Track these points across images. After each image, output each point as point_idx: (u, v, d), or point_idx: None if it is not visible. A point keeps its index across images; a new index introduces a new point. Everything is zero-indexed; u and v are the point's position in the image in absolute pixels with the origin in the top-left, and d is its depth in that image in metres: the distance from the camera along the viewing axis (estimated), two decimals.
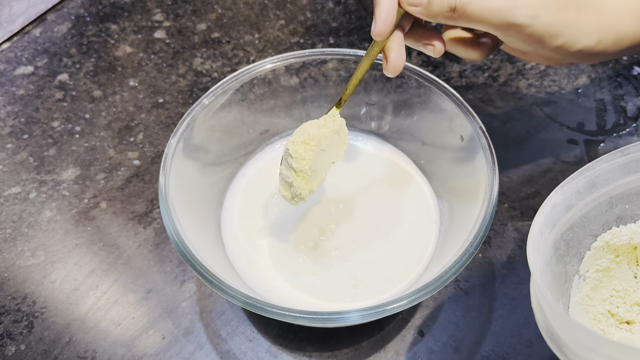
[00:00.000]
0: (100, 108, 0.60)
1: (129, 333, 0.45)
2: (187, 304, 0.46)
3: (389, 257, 0.44)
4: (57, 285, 0.48)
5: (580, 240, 0.39)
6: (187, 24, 0.68)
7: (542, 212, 0.35)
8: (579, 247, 0.39)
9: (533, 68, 0.61)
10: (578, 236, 0.39)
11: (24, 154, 0.56)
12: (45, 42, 0.66)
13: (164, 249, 0.49)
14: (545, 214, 0.36)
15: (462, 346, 0.44)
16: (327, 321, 0.34)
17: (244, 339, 0.44)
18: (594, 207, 0.39)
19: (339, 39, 0.65)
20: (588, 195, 0.38)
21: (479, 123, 0.42)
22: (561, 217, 0.37)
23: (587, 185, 0.38)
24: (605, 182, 0.38)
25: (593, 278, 0.40)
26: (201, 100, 0.45)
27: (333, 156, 0.41)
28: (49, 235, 0.51)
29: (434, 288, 0.35)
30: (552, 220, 0.36)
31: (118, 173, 0.54)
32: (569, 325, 0.31)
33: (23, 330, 0.45)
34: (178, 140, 0.42)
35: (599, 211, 0.39)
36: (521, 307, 0.45)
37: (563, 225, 0.38)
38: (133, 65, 0.64)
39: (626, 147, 0.38)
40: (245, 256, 0.44)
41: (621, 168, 0.38)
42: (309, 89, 0.51)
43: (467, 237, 0.37)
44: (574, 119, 0.57)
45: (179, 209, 0.40)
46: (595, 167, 0.37)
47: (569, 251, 0.39)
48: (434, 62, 0.62)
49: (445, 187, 0.47)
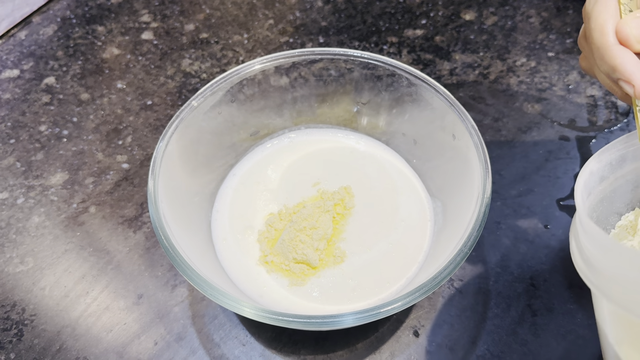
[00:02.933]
0: (88, 111, 0.59)
1: (120, 339, 0.44)
2: (179, 308, 0.46)
3: (385, 257, 0.44)
4: (47, 292, 0.47)
5: (607, 216, 0.38)
6: (174, 24, 0.67)
7: (582, 176, 0.34)
8: (605, 224, 0.38)
9: (524, 65, 0.61)
10: (606, 212, 0.38)
11: (11, 159, 0.55)
12: (31, 45, 0.65)
13: (155, 253, 0.49)
14: (585, 180, 0.34)
15: (457, 346, 0.43)
16: (321, 325, 0.33)
17: (237, 343, 0.44)
18: (622, 183, 0.37)
19: (328, 37, 0.65)
20: (618, 170, 0.37)
21: (471, 121, 0.42)
22: (595, 187, 0.36)
23: (619, 159, 0.36)
24: (635, 159, 0.37)
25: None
26: (190, 102, 0.44)
27: None
28: (37, 241, 0.50)
29: (428, 289, 0.35)
30: (588, 187, 0.35)
31: (107, 177, 0.54)
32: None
33: (12, 339, 0.45)
34: (167, 144, 0.41)
35: (626, 188, 0.38)
36: (515, 305, 0.45)
37: (596, 195, 0.36)
38: (120, 67, 0.63)
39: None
40: (235, 259, 0.44)
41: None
42: (299, 89, 0.50)
43: (461, 237, 0.37)
44: (566, 116, 0.57)
45: (169, 213, 0.39)
46: (627, 142, 0.36)
47: (598, 225, 0.38)
48: (425, 60, 0.62)
49: (437, 186, 0.47)
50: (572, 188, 0.51)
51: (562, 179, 0.52)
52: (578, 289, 0.45)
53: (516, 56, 0.62)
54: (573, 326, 0.44)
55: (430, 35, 0.64)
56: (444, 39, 0.64)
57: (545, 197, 0.51)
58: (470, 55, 0.62)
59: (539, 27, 0.65)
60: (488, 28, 0.65)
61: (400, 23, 0.66)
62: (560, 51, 0.62)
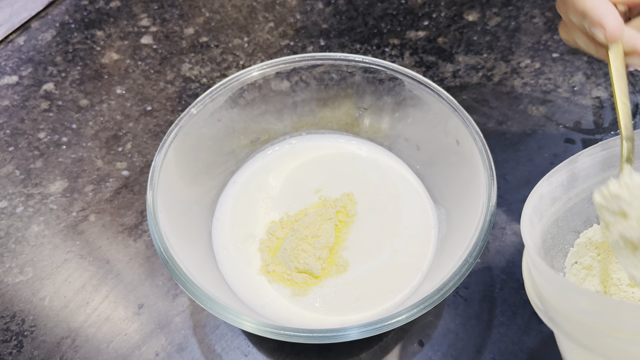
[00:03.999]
0: (87, 117, 0.58)
1: (121, 350, 0.44)
2: (180, 318, 0.45)
3: (388, 266, 0.43)
4: (47, 303, 0.47)
5: (564, 235, 0.38)
6: (174, 28, 0.66)
7: (531, 201, 0.34)
8: (563, 243, 0.38)
9: (528, 66, 0.60)
10: (562, 231, 0.38)
11: (9, 167, 0.55)
12: (30, 51, 0.65)
13: (155, 262, 0.48)
14: (534, 204, 0.34)
15: (462, 355, 0.43)
16: (325, 339, 0.33)
17: (240, 354, 0.43)
18: (577, 202, 0.37)
19: (329, 40, 0.64)
20: (571, 190, 0.37)
21: (475, 127, 0.41)
22: (547, 209, 0.36)
23: (570, 178, 0.36)
24: (587, 177, 0.37)
25: (576, 276, 0.38)
26: (189, 110, 0.43)
27: None
28: (37, 250, 0.49)
29: (434, 301, 0.34)
30: (539, 210, 0.35)
31: (106, 184, 0.53)
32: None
33: (12, 350, 0.44)
34: (165, 154, 0.41)
35: (581, 207, 0.38)
36: (522, 313, 0.44)
37: (549, 217, 0.36)
38: (120, 72, 0.62)
39: (606, 141, 0.36)
40: (236, 269, 0.43)
41: (601, 163, 0.37)
42: (300, 93, 0.50)
43: (467, 247, 0.36)
44: (571, 118, 0.56)
45: (169, 225, 0.38)
46: (577, 161, 0.36)
47: (555, 246, 0.38)
48: (427, 62, 0.61)
49: (441, 192, 0.46)
50: None
51: None
52: None
53: (520, 57, 0.61)
54: None
55: (433, 37, 0.64)
56: (446, 40, 0.63)
57: None
58: (474, 56, 0.61)
59: (543, 27, 0.64)
60: (491, 29, 0.64)
61: (402, 25, 0.65)
62: (565, 52, 0.61)
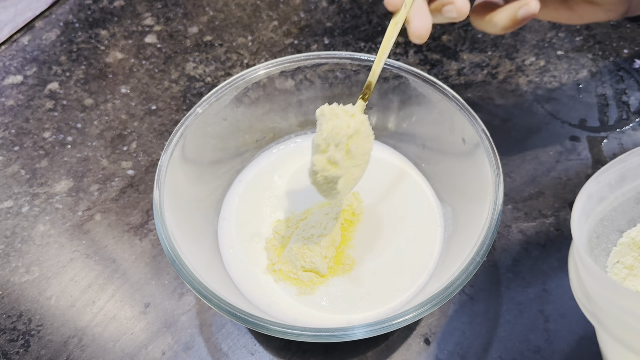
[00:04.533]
0: (92, 117, 0.58)
1: (127, 349, 0.44)
2: (187, 317, 0.45)
3: (394, 264, 0.43)
4: (53, 302, 0.47)
5: (608, 234, 0.38)
6: (178, 27, 0.66)
7: (580, 200, 0.34)
8: (606, 243, 0.38)
9: (532, 64, 0.60)
10: (607, 230, 0.38)
11: (15, 167, 0.55)
12: (34, 50, 0.65)
13: (161, 261, 0.48)
14: (583, 203, 0.34)
15: (469, 353, 0.43)
16: (331, 338, 0.33)
17: (246, 353, 0.43)
18: (623, 201, 0.37)
19: (333, 39, 0.64)
20: (618, 189, 0.37)
21: (481, 125, 0.41)
22: (594, 208, 0.36)
23: (618, 178, 0.36)
24: (635, 177, 0.37)
25: (617, 275, 0.39)
26: (194, 110, 0.43)
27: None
28: (43, 250, 0.50)
29: (440, 300, 0.34)
30: (587, 209, 0.35)
31: (112, 184, 0.53)
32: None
33: (19, 350, 0.44)
34: (172, 152, 0.41)
35: (627, 206, 0.38)
36: (528, 311, 0.44)
37: (596, 216, 0.36)
38: (124, 71, 0.62)
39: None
40: (242, 267, 0.43)
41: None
42: (304, 92, 0.50)
43: (473, 246, 0.36)
44: (576, 116, 0.56)
45: (175, 224, 0.38)
46: (626, 160, 0.36)
47: (599, 244, 0.38)
48: (432, 60, 0.61)
49: (447, 191, 0.46)
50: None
51: (574, 181, 0.51)
52: None
53: (525, 55, 0.61)
54: (587, 332, 0.43)
55: (438, 35, 0.64)
56: (451, 38, 0.63)
57: (557, 200, 0.50)
58: (478, 54, 0.61)
59: (548, 25, 0.64)
60: None
61: None
62: (570, 49, 0.61)
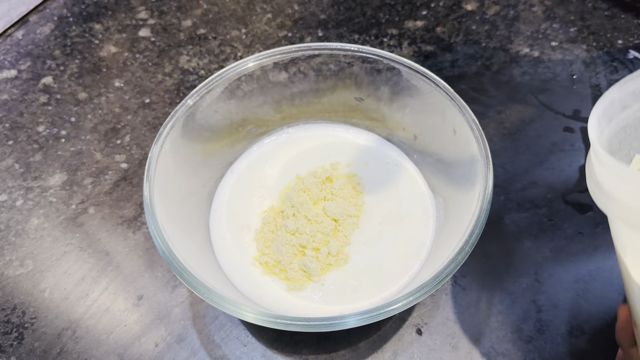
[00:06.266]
0: (86, 111, 0.58)
1: (121, 341, 0.44)
2: (180, 309, 0.45)
3: (387, 255, 0.43)
4: (47, 295, 0.47)
5: (631, 142, 0.38)
6: (172, 20, 0.66)
7: (600, 104, 0.34)
8: (629, 149, 0.39)
9: (527, 55, 0.60)
10: (630, 138, 0.38)
11: (9, 161, 0.55)
12: (28, 45, 0.65)
13: (154, 254, 0.48)
14: (604, 107, 0.34)
15: (460, 343, 0.43)
16: (323, 327, 0.33)
17: (239, 344, 0.43)
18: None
19: (327, 31, 0.64)
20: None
21: (471, 115, 0.41)
22: (617, 115, 0.36)
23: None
24: None
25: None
26: (185, 101, 0.43)
27: None
28: (37, 243, 0.50)
29: (430, 288, 0.34)
30: (609, 114, 0.35)
31: (105, 177, 0.53)
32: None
33: (13, 342, 0.44)
34: (162, 145, 0.41)
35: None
36: (520, 301, 0.44)
37: (618, 123, 0.36)
38: (118, 65, 0.62)
39: None
40: (233, 259, 0.43)
41: None
42: (298, 84, 0.49)
43: (463, 235, 0.36)
44: (570, 106, 0.56)
45: (166, 216, 0.38)
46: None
47: (621, 149, 0.38)
48: (426, 52, 0.61)
49: (439, 181, 0.46)
50: (577, 180, 0.50)
51: (567, 172, 0.51)
52: (583, 284, 0.45)
53: (519, 46, 0.61)
54: (578, 322, 0.43)
55: (431, 27, 0.63)
56: (445, 30, 0.63)
57: (550, 191, 0.50)
58: (472, 46, 0.61)
59: (542, 16, 0.63)
60: (490, 18, 0.64)
61: (401, 14, 0.65)
62: (564, 40, 0.61)
